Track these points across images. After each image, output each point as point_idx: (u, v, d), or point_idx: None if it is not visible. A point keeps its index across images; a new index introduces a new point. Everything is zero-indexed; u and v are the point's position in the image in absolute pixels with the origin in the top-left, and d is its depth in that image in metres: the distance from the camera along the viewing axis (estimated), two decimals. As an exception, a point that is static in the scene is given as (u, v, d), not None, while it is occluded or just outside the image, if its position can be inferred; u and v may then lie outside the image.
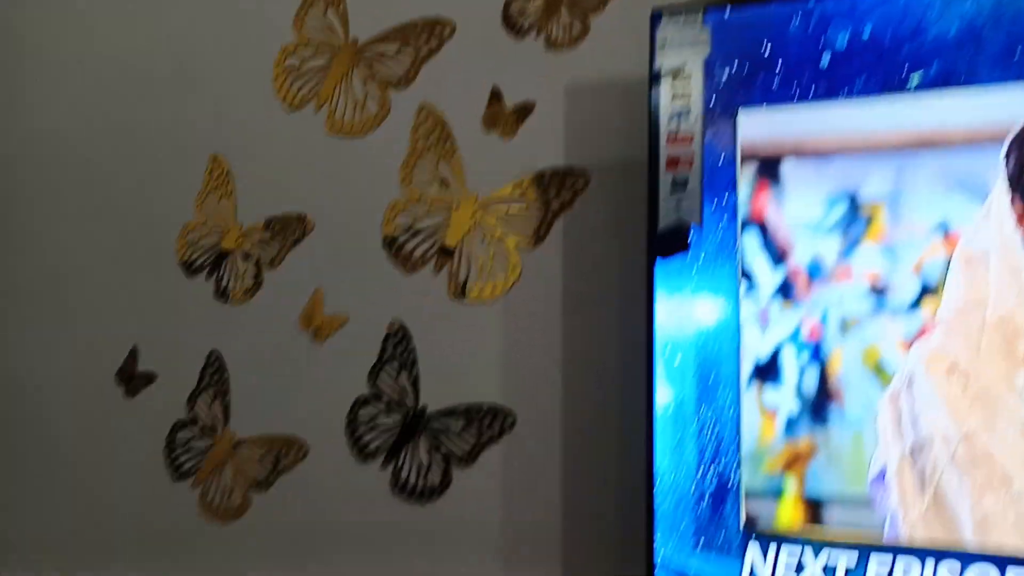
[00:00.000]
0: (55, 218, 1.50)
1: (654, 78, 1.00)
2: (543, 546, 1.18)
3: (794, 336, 0.91)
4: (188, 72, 1.44)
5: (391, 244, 1.29)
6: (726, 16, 0.97)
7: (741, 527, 0.92)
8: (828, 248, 0.91)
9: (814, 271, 0.91)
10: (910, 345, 0.86)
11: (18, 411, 1.50)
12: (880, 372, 0.87)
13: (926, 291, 0.86)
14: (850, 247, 0.90)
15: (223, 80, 1.41)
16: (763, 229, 0.94)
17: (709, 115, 0.97)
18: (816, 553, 0.88)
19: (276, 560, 1.32)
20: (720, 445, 0.93)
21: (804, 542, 0.89)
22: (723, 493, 0.93)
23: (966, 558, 0.83)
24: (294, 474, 1.32)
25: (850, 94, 0.90)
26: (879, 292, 0.88)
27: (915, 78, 0.88)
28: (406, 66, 1.31)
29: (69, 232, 1.49)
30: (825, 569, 0.88)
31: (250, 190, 1.39)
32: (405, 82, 1.31)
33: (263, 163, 1.38)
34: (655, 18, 1.01)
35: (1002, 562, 0.82)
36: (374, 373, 1.29)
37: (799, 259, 0.92)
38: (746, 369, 0.93)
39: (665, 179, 0.99)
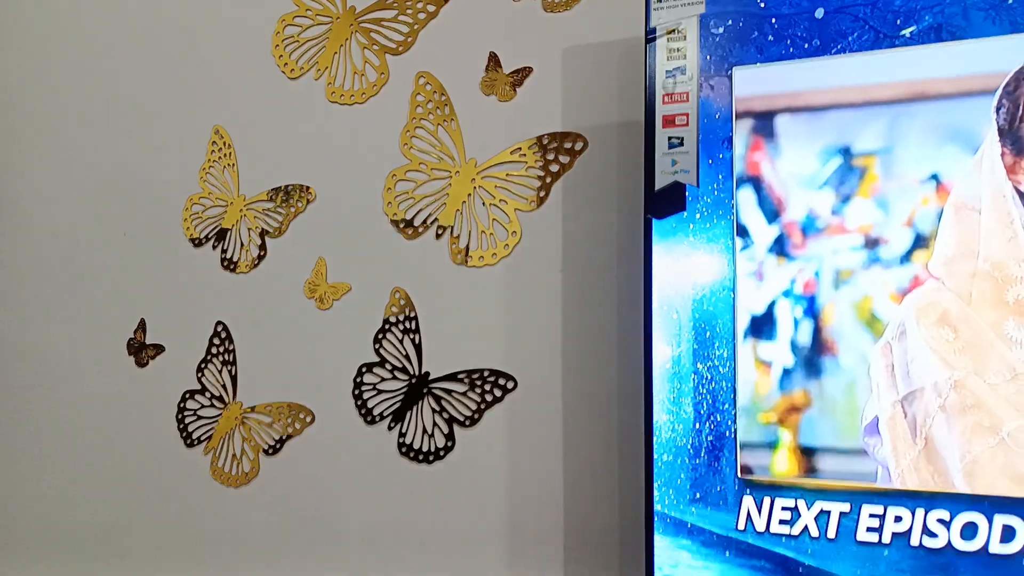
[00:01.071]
0: (62, 194, 1.52)
1: (649, 37, 1.00)
2: (545, 501, 1.19)
3: (789, 290, 0.92)
4: (189, 45, 1.44)
5: (392, 211, 1.30)
6: (721, -28, 0.97)
7: (737, 478, 0.93)
8: (822, 202, 0.91)
9: (808, 226, 0.92)
10: (902, 296, 0.87)
11: (31, 384, 1.52)
12: (873, 324, 0.88)
13: (918, 242, 0.86)
14: (843, 201, 0.90)
15: (223, 51, 1.42)
16: (758, 185, 0.94)
17: (705, 73, 0.97)
18: (810, 502, 0.90)
19: (286, 523, 1.34)
20: (716, 399, 0.94)
21: (798, 491, 0.90)
22: (719, 446, 0.94)
23: (956, 503, 0.84)
24: (302, 439, 1.34)
25: (843, 48, 0.90)
26: (872, 244, 0.88)
27: (907, 30, 0.88)
28: (404, 33, 1.31)
29: (75, 207, 1.50)
30: (818, 517, 0.89)
31: (253, 161, 1.40)
32: (403, 49, 1.31)
33: (265, 133, 1.39)
34: (650, -24, 1.00)
35: (990, 506, 0.83)
36: (378, 339, 1.30)
37: (793, 214, 0.92)
38: (742, 324, 0.94)
39: (661, 137, 0.99)
